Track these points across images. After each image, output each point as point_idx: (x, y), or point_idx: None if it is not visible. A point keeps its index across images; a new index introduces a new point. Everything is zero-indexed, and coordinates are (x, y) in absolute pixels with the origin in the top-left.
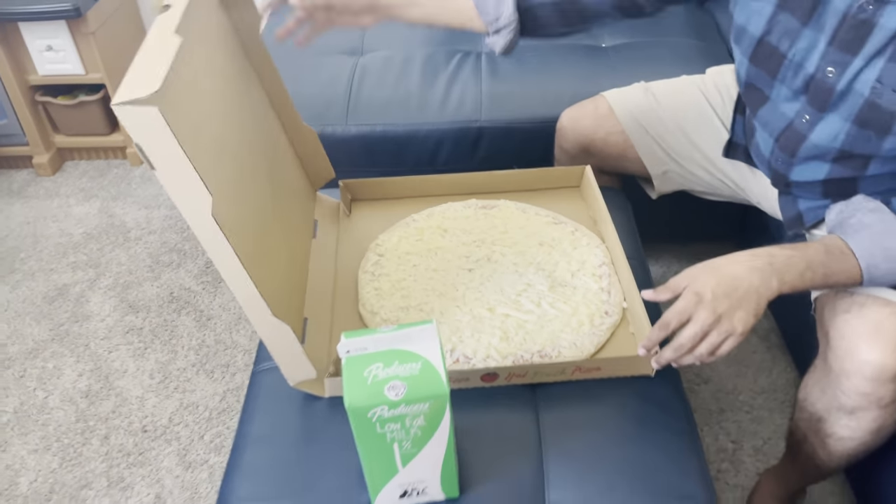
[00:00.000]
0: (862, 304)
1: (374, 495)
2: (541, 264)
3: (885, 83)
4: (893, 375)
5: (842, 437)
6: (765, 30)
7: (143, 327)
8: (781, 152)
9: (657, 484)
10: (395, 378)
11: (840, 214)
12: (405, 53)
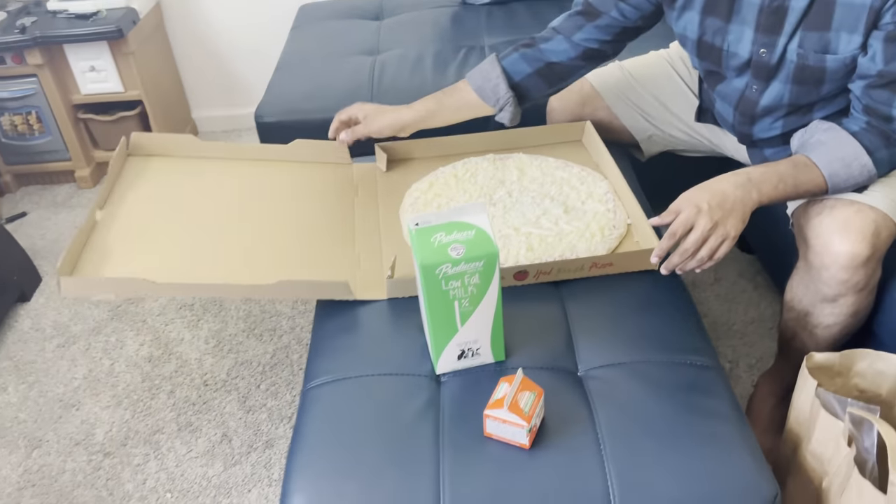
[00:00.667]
0: (832, 206)
1: (437, 358)
2: (554, 196)
3: (806, 48)
4: (864, 261)
5: (828, 324)
6: (699, 33)
7: (193, 303)
8: (741, 117)
9: (668, 343)
10: (456, 242)
11: (801, 138)
12: (417, 51)
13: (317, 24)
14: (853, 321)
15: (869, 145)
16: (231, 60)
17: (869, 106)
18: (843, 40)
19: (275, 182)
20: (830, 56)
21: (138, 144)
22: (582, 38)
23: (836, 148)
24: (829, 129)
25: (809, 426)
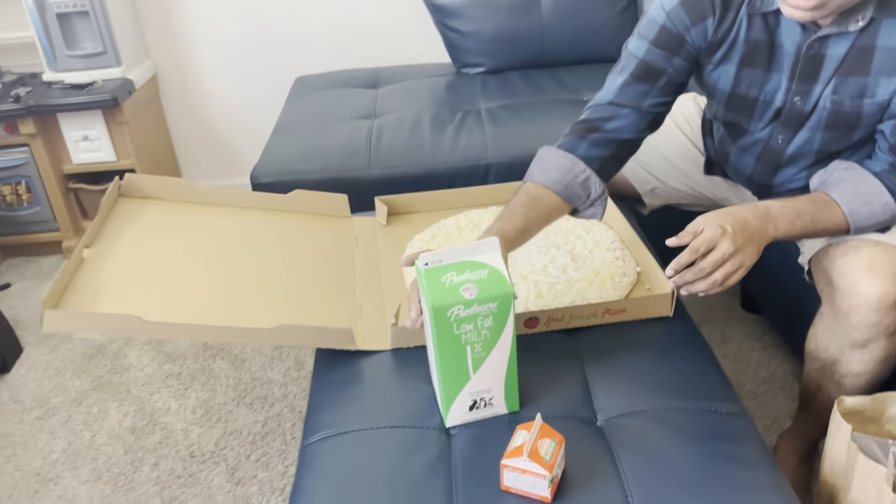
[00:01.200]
0: (857, 246)
1: (447, 409)
2: (560, 245)
3: (841, 94)
4: (894, 303)
5: (857, 373)
6: (733, 85)
7: (181, 373)
8: (764, 167)
9: (690, 390)
10: (468, 282)
11: (820, 177)
12: (414, 113)
13: (313, 93)
14: (883, 368)
15: (891, 185)
16: (226, 132)
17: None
18: (883, 84)
19: (272, 230)
20: (868, 100)
21: (132, 186)
22: (650, 104)
23: (857, 185)
24: (849, 168)
25: (847, 475)
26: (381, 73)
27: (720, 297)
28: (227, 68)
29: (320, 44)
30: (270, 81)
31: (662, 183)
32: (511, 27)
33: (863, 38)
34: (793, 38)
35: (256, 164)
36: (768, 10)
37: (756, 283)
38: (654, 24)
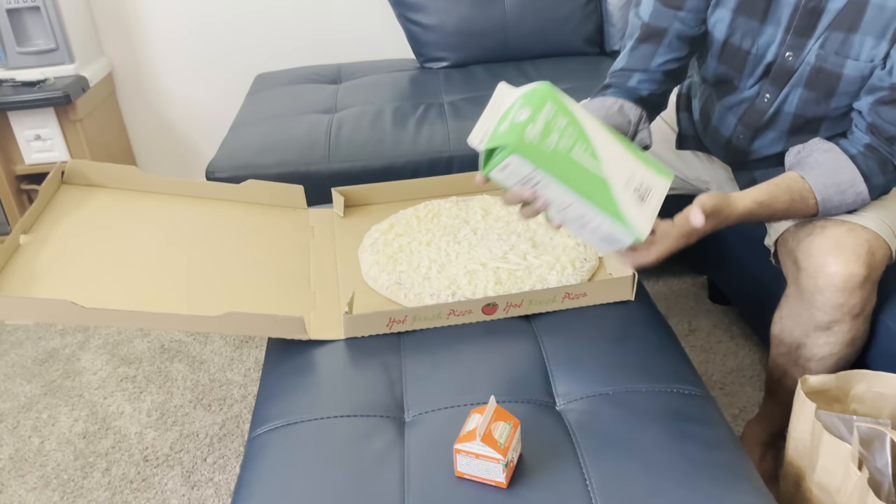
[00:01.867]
0: (823, 227)
1: (627, 222)
2: (521, 233)
3: (828, 49)
4: (860, 283)
5: (822, 356)
6: (727, 33)
7: (136, 375)
8: (744, 129)
9: (652, 372)
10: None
11: (798, 155)
12: (376, 107)
13: (273, 89)
14: (849, 351)
15: (867, 171)
16: (185, 130)
17: (874, 124)
18: (868, 45)
19: (224, 220)
20: (851, 61)
21: (76, 173)
22: (658, 64)
23: (835, 173)
24: (828, 151)
25: (812, 455)
26: (343, 68)
27: (687, 289)
28: (185, 65)
29: (281, 40)
30: (231, 78)
31: None
32: (474, 20)
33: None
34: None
35: (212, 159)
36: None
37: (723, 273)
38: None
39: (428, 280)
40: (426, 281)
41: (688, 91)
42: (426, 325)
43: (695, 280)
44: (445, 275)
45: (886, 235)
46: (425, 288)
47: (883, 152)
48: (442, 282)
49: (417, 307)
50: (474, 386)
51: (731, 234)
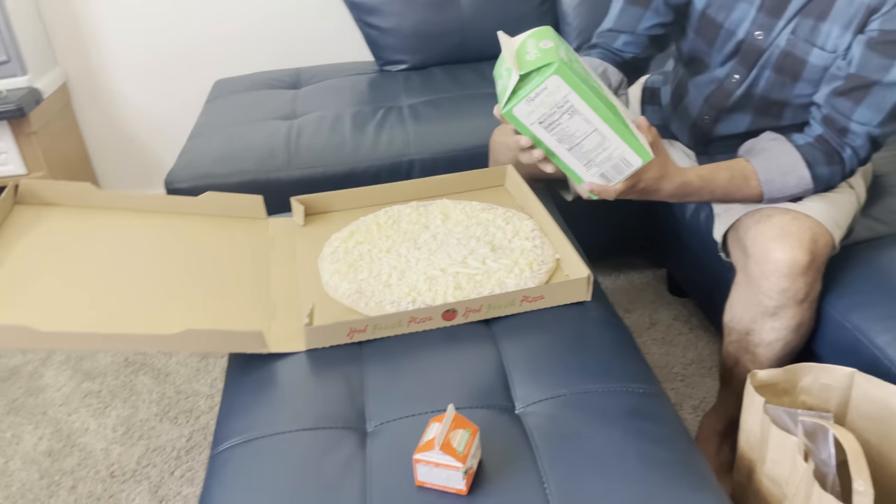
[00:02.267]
0: (769, 215)
1: (636, 141)
2: (480, 237)
3: (798, 34)
4: (803, 269)
5: (770, 341)
6: (706, 3)
7: (100, 391)
8: (710, 109)
9: (607, 372)
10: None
11: (748, 144)
12: (335, 112)
13: (232, 96)
14: (795, 336)
15: (810, 159)
16: (144, 139)
17: (829, 116)
18: (834, 35)
19: (182, 234)
20: (817, 49)
21: (30, 192)
22: (645, 27)
23: (778, 157)
24: (775, 139)
25: (762, 447)
26: (302, 73)
27: (648, 282)
28: (142, 73)
29: (240, 46)
30: (189, 85)
31: None
32: (431, 22)
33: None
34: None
35: (171, 170)
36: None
37: (679, 266)
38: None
39: (388, 287)
40: (387, 288)
41: (652, 85)
42: (387, 334)
43: (654, 273)
44: (406, 282)
45: (829, 225)
46: (386, 296)
47: (833, 144)
48: (402, 289)
49: (378, 316)
50: (435, 393)
51: (685, 228)
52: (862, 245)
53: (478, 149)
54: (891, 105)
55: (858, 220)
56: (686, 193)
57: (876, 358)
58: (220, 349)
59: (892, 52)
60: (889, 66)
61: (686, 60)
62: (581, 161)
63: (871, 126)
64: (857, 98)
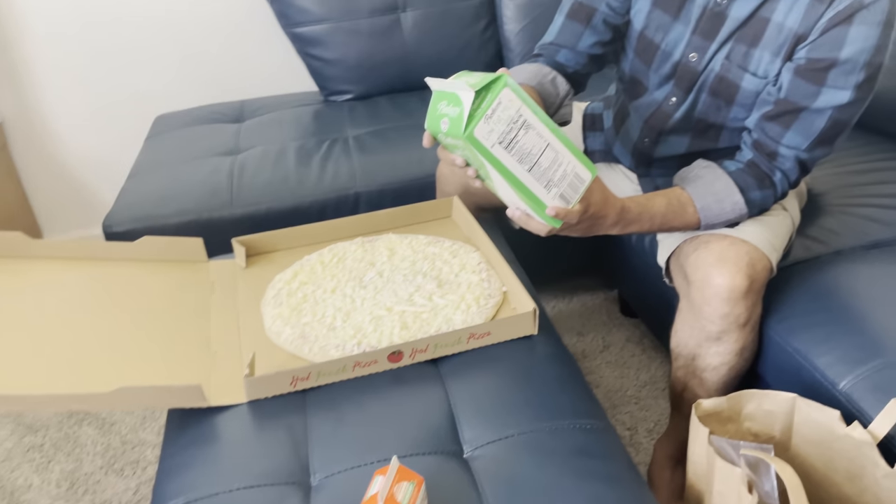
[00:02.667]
0: (707, 241)
1: (582, 155)
2: (426, 272)
3: (732, 60)
4: (743, 293)
5: (715, 366)
6: (644, 24)
7: (43, 444)
8: (650, 131)
9: (554, 409)
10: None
11: (682, 172)
12: (279, 146)
13: (173, 131)
14: (740, 360)
15: (742, 185)
16: (85, 179)
17: (759, 140)
18: (765, 61)
19: (119, 282)
20: (749, 75)
21: None
22: (586, 45)
23: (712, 183)
24: (707, 167)
25: (709, 478)
26: (245, 106)
27: (600, 304)
28: (81, 111)
29: (181, 79)
30: (130, 122)
31: None
32: (375, 52)
33: (764, 7)
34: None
35: (109, 212)
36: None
37: (628, 288)
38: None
39: (333, 331)
40: (331, 332)
41: (593, 111)
42: (332, 380)
43: (607, 294)
44: (351, 323)
45: (766, 249)
46: (330, 339)
47: (763, 168)
48: (347, 331)
49: (321, 363)
50: (381, 441)
51: (631, 252)
52: (800, 265)
53: (424, 179)
54: (818, 130)
55: (795, 240)
56: (628, 221)
57: (817, 380)
58: (157, 405)
59: (819, 79)
60: (816, 93)
61: (626, 82)
62: (541, 182)
63: (800, 150)
64: (786, 123)
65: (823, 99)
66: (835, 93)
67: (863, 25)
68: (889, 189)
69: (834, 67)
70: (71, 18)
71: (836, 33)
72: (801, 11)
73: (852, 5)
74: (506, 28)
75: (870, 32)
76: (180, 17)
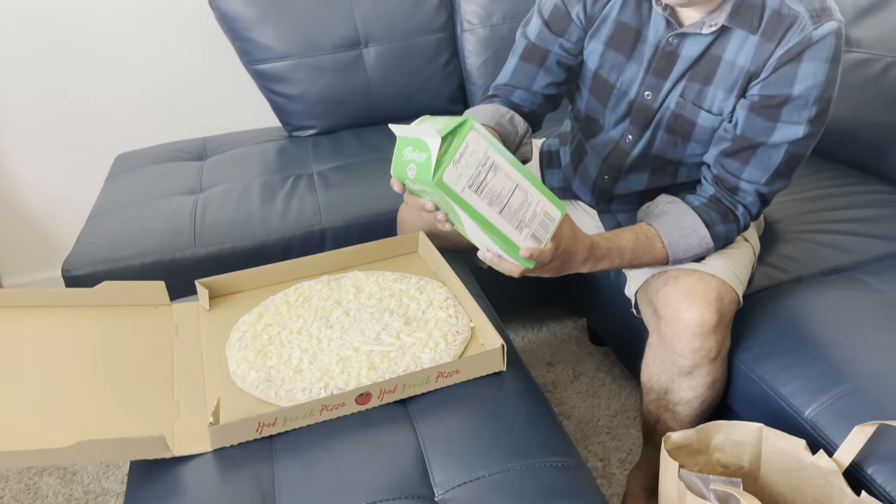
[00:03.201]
0: (676, 276)
1: (550, 193)
2: (394, 309)
3: (686, 98)
4: (713, 328)
5: (688, 399)
6: (598, 64)
7: (2, 496)
8: (609, 169)
9: (525, 448)
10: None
11: (646, 208)
12: (243, 183)
13: (135, 170)
14: (711, 393)
15: (707, 219)
16: (45, 221)
17: (719, 176)
18: (719, 98)
19: (79, 330)
20: (704, 112)
21: None
22: (540, 86)
23: (678, 218)
24: (672, 202)
25: None
26: (208, 142)
27: (569, 333)
28: (40, 151)
29: (143, 117)
30: (90, 161)
31: None
32: (338, 88)
33: (715, 46)
34: (656, 31)
35: (68, 257)
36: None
37: (596, 317)
38: (550, 1)
39: (299, 373)
40: (297, 375)
41: (549, 148)
42: (299, 425)
43: (576, 323)
44: (317, 365)
45: (733, 282)
46: (297, 382)
47: (725, 203)
48: (314, 373)
49: (288, 407)
50: (350, 487)
51: (598, 283)
52: (763, 293)
53: (390, 213)
54: (776, 164)
55: (756, 268)
56: (598, 257)
57: (783, 409)
58: (119, 458)
59: (773, 115)
60: (771, 129)
61: (582, 120)
62: (513, 224)
63: (760, 184)
64: (744, 158)
65: (779, 134)
66: (789, 128)
67: (812, 62)
68: (842, 215)
69: (787, 103)
70: (27, 54)
71: (787, 70)
72: (751, 50)
73: (801, 42)
74: (467, 62)
75: (819, 68)
76: (141, 54)
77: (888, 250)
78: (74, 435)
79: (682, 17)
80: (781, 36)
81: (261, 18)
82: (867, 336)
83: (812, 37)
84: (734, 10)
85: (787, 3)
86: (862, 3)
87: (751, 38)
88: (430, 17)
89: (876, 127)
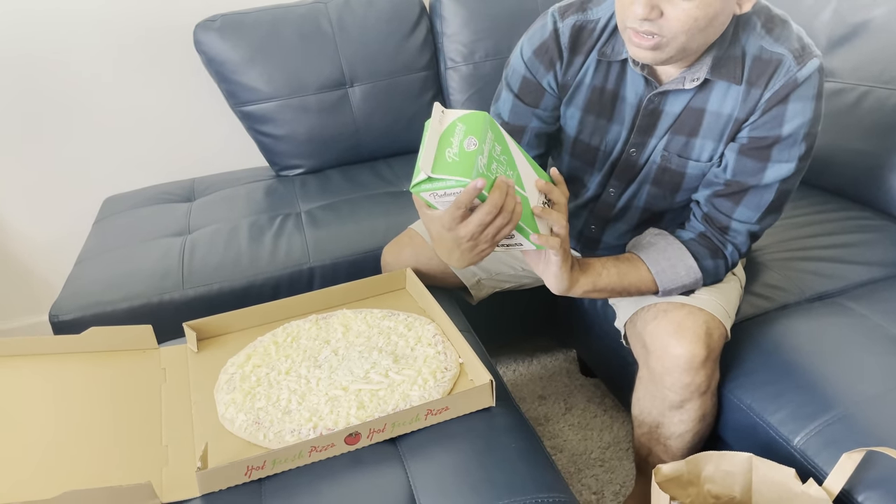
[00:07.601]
0: (665, 310)
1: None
2: (382, 347)
3: (671, 151)
4: (702, 362)
5: (679, 433)
6: (578, 130)
7: None
8: (595, 220)
9: (517, 485)
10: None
11: (634, 242)
12: (231, 224)
13: (122, 213)
14: (702, 426)
15: (696, 253)
16: (31, 266)
17: (709, 214)
18: (707, 148)
19: (65, 377)
20: (692, 162)
21: None
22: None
23: (665, 249)
24: (659, 234)
25: None
26: (196, 184)
27: (560, 365)
28: (26, 196)
29: (130, 160)
30: (78, 205)
31: (486, 272)
32: (324, 127)
33: (697, 98)
34: (636, 90)
35: (55, 302)
36: (616, 60)
37: (586, 349)
38: (517, 74)
39: (288, 415)
40: (286, 416)
41: None
42: (288, 467)
43: (566, 355)
44: (306, 406)
45: (721, 316)
46: (285, 424)
47: (715, 241)
48: (303, 414)
49: (276, 450)
50: None
51: (586, 315)
52: (749, 322)
53: (378, 250)
54: (767, 202)
55: (742, 298)
56: (582, 263)
57: (772, 438)
58: None
59: (764, 157)
60: (762, 169)
61: (566, 179)
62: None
63: (751, 223)
64: (735, 199)
65: (770, 174)
66: (780, 166)
67: (799, 101)
68: (824, 241)
69: (777, 144)
70: (9, 99)
71: (775, 112)
72: (737, 98)
73: (787, 84)
74: (452, 99)
75: (806, 106)
76: (128, 97)
77: (870, 276)
78: (61, 485)
79: (660, 75)
80: (767, 80)
81: (247, 61)
82: (852, 362)
83: (797, 78)
84: (715, 63)
85: (767, 47)
86: (836, 34)
87: (734, 87)
88: (414, 56)
89: (853, 154)
